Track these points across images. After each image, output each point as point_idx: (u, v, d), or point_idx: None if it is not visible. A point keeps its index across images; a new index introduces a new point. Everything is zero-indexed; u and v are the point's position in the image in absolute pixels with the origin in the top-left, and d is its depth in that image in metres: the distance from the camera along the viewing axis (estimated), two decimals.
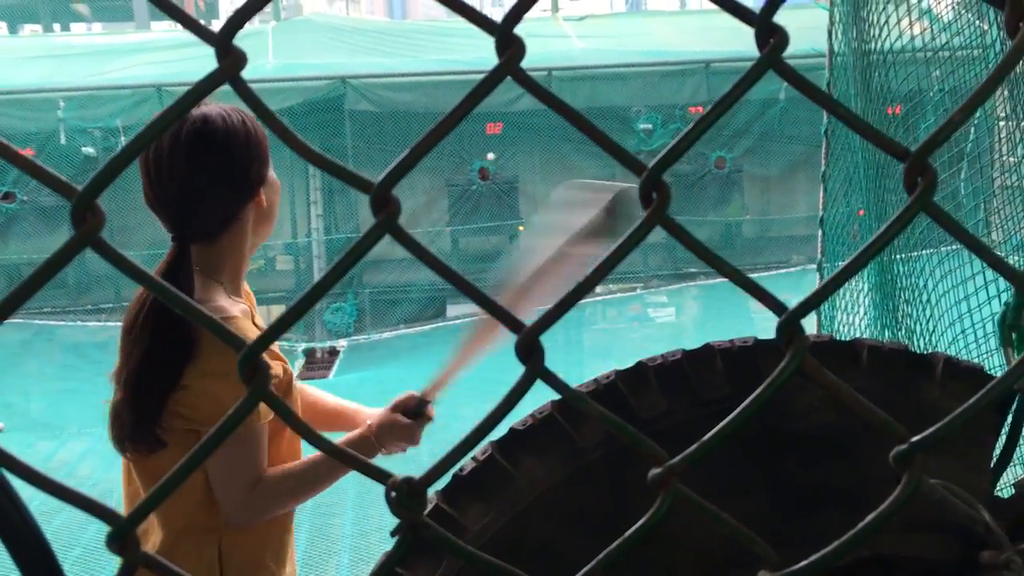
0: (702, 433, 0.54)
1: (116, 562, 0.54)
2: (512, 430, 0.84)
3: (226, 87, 0.50)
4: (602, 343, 9.34)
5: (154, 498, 0.48)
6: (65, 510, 4.79)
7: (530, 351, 0.51)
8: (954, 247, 3.13)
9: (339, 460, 0.50)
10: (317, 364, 9.36)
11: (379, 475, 0.51)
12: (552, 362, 0.53)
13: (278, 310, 11.70)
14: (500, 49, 0.49)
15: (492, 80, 0.50)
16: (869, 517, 0.54)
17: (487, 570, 0.55)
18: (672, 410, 0.81)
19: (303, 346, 9.76)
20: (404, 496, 0.49)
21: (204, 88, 0.48)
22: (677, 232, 0.51)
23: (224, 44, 0.47)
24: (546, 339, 0.52)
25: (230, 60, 0.48)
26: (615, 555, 0.54)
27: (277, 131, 0.50)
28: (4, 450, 0.45)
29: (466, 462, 0.85)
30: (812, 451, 0.81)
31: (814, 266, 4.42)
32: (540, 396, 0.92)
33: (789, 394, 0.79)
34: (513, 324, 0.51)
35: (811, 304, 0.52)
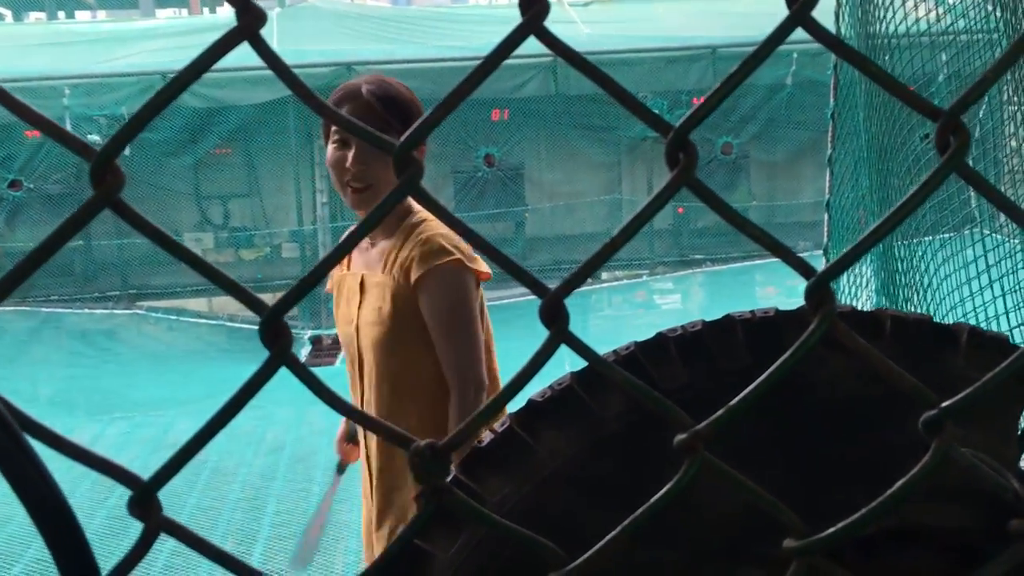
0: (723, 404, 0.53)
1: (123, 549, 0.53)
2: (530, 402, 0.83)
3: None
4: (608, 329, 9.34)
5: (177, 462, 0.47)
6: (78, 492, 4.78)
7: (555, 314, 0.50)
8: (953, 233, 3.12)
9: (360, 423, 0.50)
10: (324, 352, 9.36)
11: (402, 440, 0.50)
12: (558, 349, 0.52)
13: None
14: (524, 7, 0.48)
15: (515, 39, 0.49)
16: (898, 484, 0.53)
17: (508, 538, 0.55)
18: (693, 381, 0.80)
19: (309, 333, 9.77)
20: (427, 461, 0.49)
21: (223, 46, 0.47)
22: (703, 192, 0.50)
23: (244, 1, 0.47)
24: None
25: (249, 18, 0.47)
26: (640, 521, 0.53)
27: (297, 90, 0.49)
28: (27, 415, 0.45)
29: (485, 434, 0.84)
30: (835, 422, 0.81)
31: (820, 252, 4.42)
32: (554, 374, 0.92)
33: (811, 365, 0.79)
34: (537, 288, 0.51)
35: (840, 267, 0.51)
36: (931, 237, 3.19)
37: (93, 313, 10.36)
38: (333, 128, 2.00)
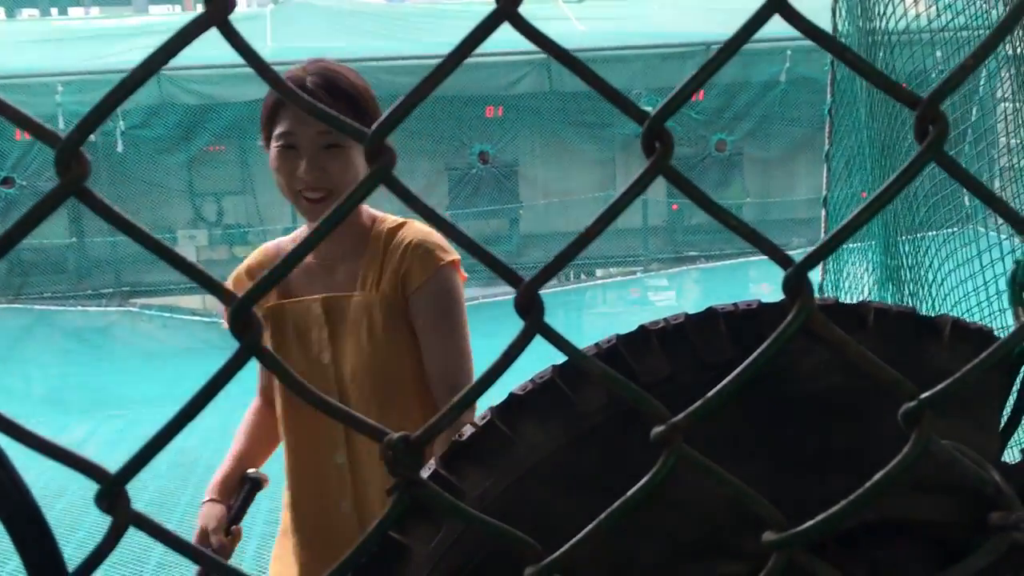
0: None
1: (117, 548, 0.52)
2: (511, 395, 0.83)
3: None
4: (602, 326, 9.33)
5: (144, 455, 0.47)
6: (66, 494, 4.75)
7: (529, 305, 0.49)
8: (956, 228, 3.13)
9: (333, 416, 0.49)
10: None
11: (374, 432, 0.49)
12: (550, 346, 0.51)
13: None
14: None
15: (488, 25, 0.49)
16: (877, 476, 0.52)
17: (485, 532, 0.54)
18: (675, 374, 0.80)
19: None
20: (400, 453, 0.48)
21: (191, 32, 0.46)
22: (678, 181, 0.50)
23: None
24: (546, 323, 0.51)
25: (218, 3, 0.46)
26: (618, 515, 0.52)
27: (268, 79, 0.48)
28: None
29: (465, 428, 0.84)
30: (817, 415, 0.80)
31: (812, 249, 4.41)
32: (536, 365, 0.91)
33: (793, 357, 0.78)
34: (511, 277, 0.50)
35: (817, 257, 0.50)
36: (935, 232, 3.20)
37: (86, 311, 10.34)
38: (278, 131, 1.80)
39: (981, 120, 3.40)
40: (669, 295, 10.81)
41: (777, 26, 0.52)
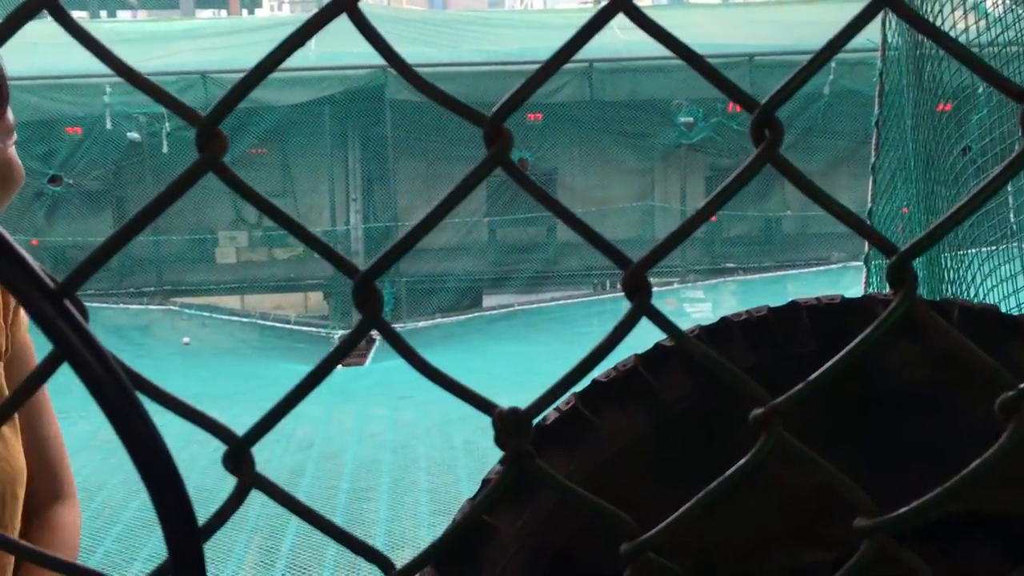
0: (789, 387, 0.54)
1: (154, 540, 0.53)
2: (595, 382, 0.84)
3: None
4: (638, 336, 9.29)
5: (269, 420, 0.49)
6: (107, 487, 4.82)
7: (637, 287, 0.51)
8: (1000, 245, 3.11)
9: (446, 386, 0.51)
10: (353, 351, 9.39)
11: (484, 404, 0.51)
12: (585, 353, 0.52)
13: (316, 296, 11.81)
14: None
15: (605, 15, 0.50)
16: (972, 465, 0.53)
17: (574, 513, 0.55)
18: (758, 364, 0.81)
19: (339, 333, 9.83)
20: (511, 425, 0.50)
21: (325, 16, 0.48)
22: (787, 169, 0.51)
23: None
24: (582, 332, 0.52)
25: None
26: (716, 494, 0.54)
27: (396, 65, 0.50)
28: (136, 372, 0.46)
29: (549, 413, 0.85)
30: (903, 407, 0.81)
31: (854, 263, 4.40)
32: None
33: (879, 350, 0.79)
34: (620, 259, 0.51)
35: (922, 245, 0.51)
36: (978, 249, 3.18)
37: (128, 308, 10.50)
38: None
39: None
40: (705, 307, 10.75)
41: (822, 40, 0.52)
